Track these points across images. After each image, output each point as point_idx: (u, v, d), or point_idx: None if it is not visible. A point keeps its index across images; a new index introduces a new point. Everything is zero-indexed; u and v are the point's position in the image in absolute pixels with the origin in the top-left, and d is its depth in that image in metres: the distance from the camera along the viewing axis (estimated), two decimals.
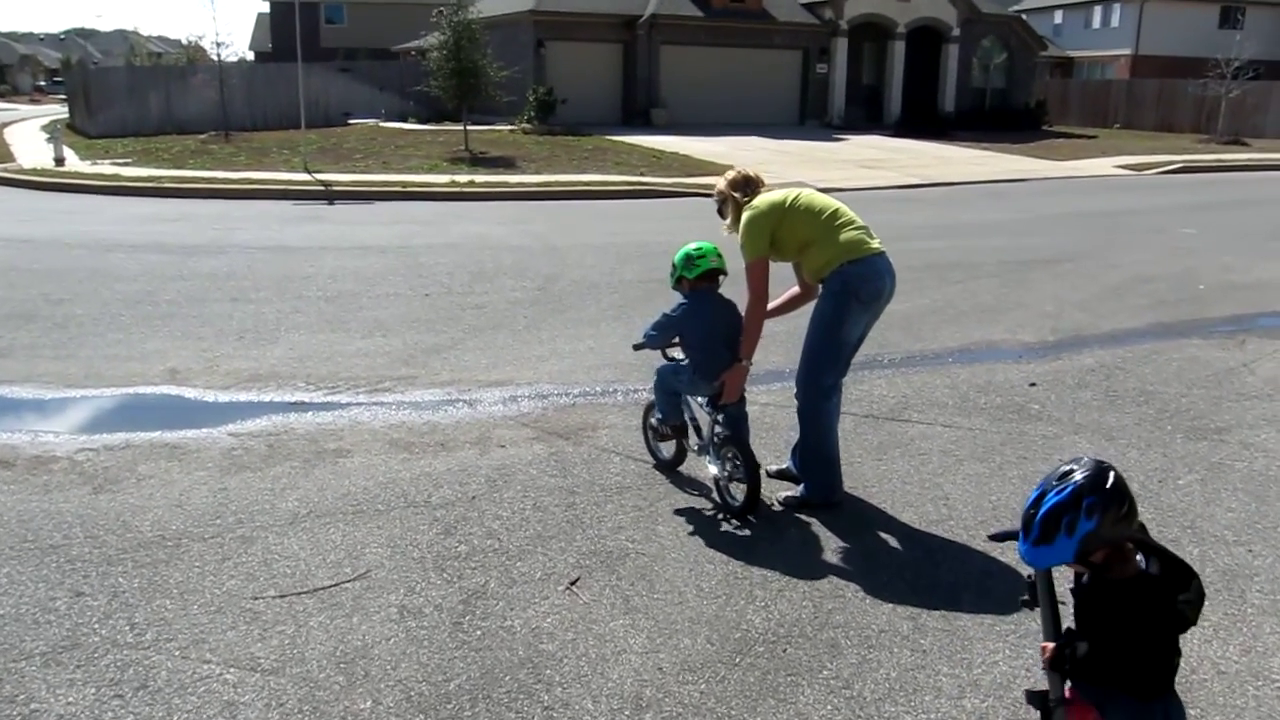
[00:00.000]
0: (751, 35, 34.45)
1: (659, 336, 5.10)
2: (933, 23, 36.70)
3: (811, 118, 35.92)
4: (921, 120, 35.40)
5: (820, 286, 4.90)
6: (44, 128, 37.94)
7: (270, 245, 12.10)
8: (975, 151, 28.01)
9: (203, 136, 28.11)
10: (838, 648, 3.74)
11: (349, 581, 4.15)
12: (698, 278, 5.01)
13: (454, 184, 18.20)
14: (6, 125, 41.35)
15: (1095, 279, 10.82)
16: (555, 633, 3.80)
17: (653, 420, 5.37)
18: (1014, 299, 9.79)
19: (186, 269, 10.57)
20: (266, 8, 61.77)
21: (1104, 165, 25.62)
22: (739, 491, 4.82)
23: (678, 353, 5.14)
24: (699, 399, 5.08)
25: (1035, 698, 2.48)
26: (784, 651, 3.71)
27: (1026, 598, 2.59)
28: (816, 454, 4.96)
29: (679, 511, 4.89)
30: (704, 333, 4.94)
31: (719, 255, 5.03)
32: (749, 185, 5.02)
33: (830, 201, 4.98)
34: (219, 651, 3.63)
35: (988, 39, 38.42)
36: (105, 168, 21.44)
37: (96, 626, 3.79)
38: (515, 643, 3.73)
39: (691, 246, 5.08)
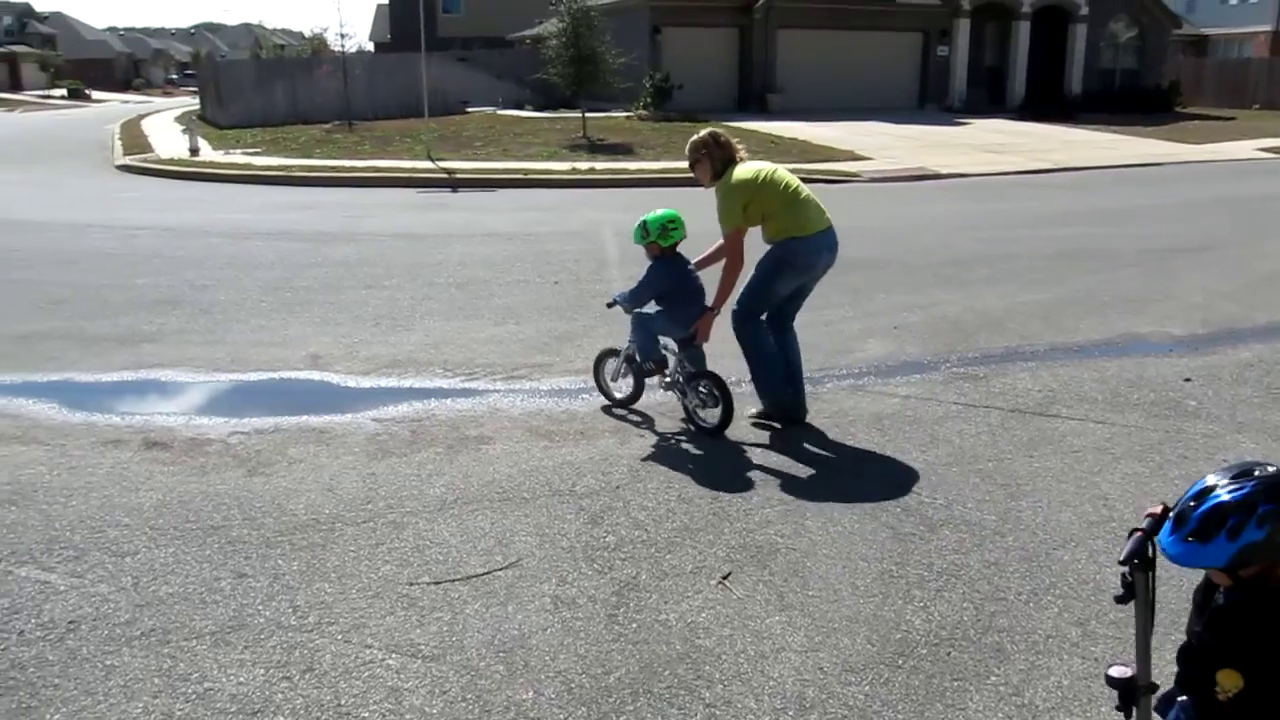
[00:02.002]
0: (870, 17, 33.77)
1: (637, 298, 5.95)
2: (1059, 2, 35.49)
3: (931, 101, 35.09)
4: (1046, 103, 34.26)
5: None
6: (177, 119, 39.40)
7: (399, 232, 12.31)
8: (1105, 135, 27.01)
9: (327, 126, 28.79)
10: (1003, 653, 3.60)
11: (501, 569, 4.16)
12: (670, 245, 5.94)
13: (574, 171, 18.28)
14: (143, 117, 43.04)
15: (1244, 268, 10.30)
16: (711, 628, 3.74)
17: (634, 356, 6.03)
18: (1158, 289, 9.38)
19: (320, 256, 10.81)
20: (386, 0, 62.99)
21: (1245, 148, 24.44)
22: (711, 416, 5.76)
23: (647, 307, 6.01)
24: (670, 344, 5.97)
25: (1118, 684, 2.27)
26: (947, 655, 3.59)
27: (1121, 594, 2.31)
28: (761, 375, 5.91)
29: (826, 506, 4.79)
30: (676, 289, 5.90)
31: (681, 223, 5.99)
32: (721, 148, 5.84)
33: (793, 180, 5.78)
34: (380, 636, 3.67)
35: (1117, 17, 36.99)
36: (237, 157, 22.13)
37: (260, 608, 3.86)
38: (672, 637, 3.68)
39: (664, 215, 5.96)
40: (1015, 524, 4.62)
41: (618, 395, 6.27)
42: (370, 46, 66.33)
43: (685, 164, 6.18)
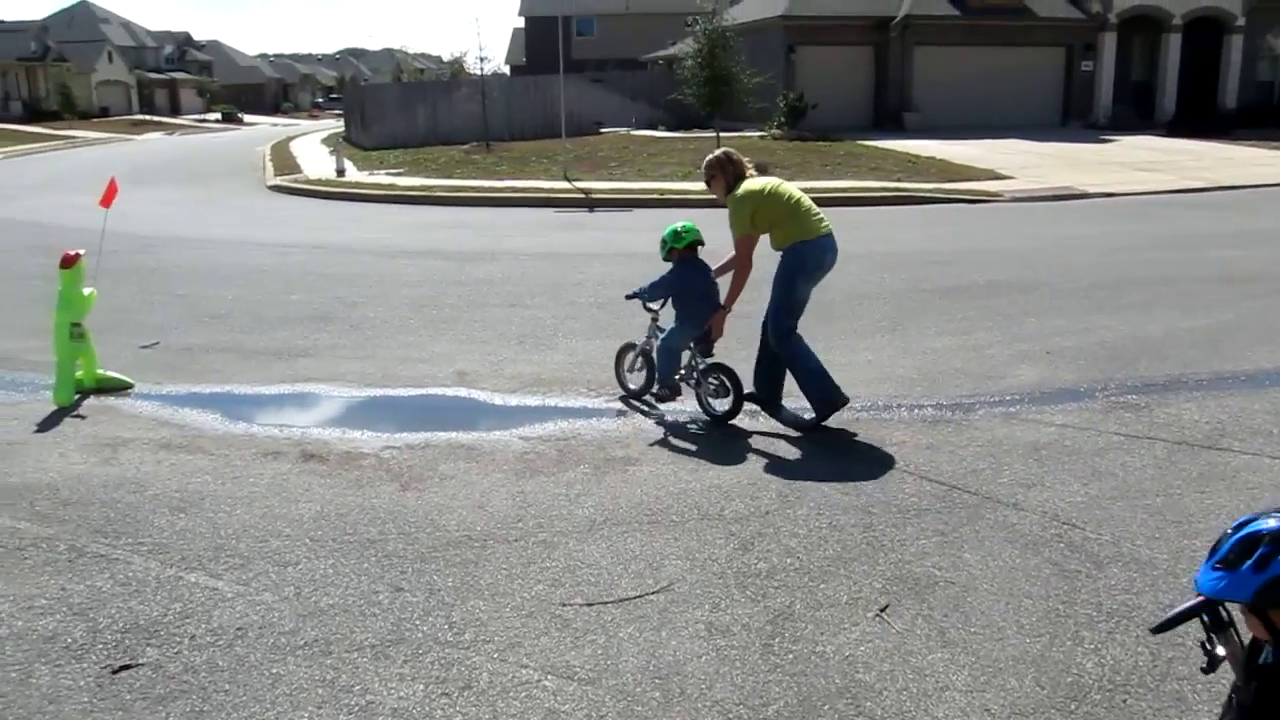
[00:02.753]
0: (1010, 33, 32.98)
1: (654, 294, 6.64)
2: (1213, 12, 34.01)
3: (1074, 118, 34.00)
4: (1198, 118, 32.83)
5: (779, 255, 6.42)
6: (323, 141, 40.94)
7: (539, 252, 12.48)
8: (1265, 151, 25.71)
9: (465, 147, 29.47)
10: (1185, 702, 3.40)
11: (653, 594, 4.13)
12: (685, 248, 6.59)
13: (705, 191, 18.23)
14: (291, 139, 44.83)
15: None
16: (871, 662, 3.63)
17: (649, 350, 6.68)
18: None
19: (464, 275, 11.03)
20: (522, 23, 64.30)
21: None
22: (721, 405, 6.35)
23: (654, 305, 6.71)
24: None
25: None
26: (1123, 702, 3.41)
27: (1206, 665, 2.13)
28: (803, 374, 6.32)
29: (984, 538, 4.62)
30: (690, 289, 6.51)
31: (698, 231, 6.66)
32: (733, 164, 6.54)
33: (795, 192, 6.49)
34: (535, 657, 3.67)
35: (1277, 29, 35.25)
36: (381, 177, 22.82)
37: (418, 623, 3.91)
38: (830, 670, 3.59)
39: (679, 225, 6.71)
40: (1190, 564, 4.37)
41: (631, 386, 6.87)
42: (506, 69, 67.85)
43: (824, 184, 6.20)
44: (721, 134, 25.45)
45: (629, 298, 6.78)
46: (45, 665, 3.65)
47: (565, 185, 19.47)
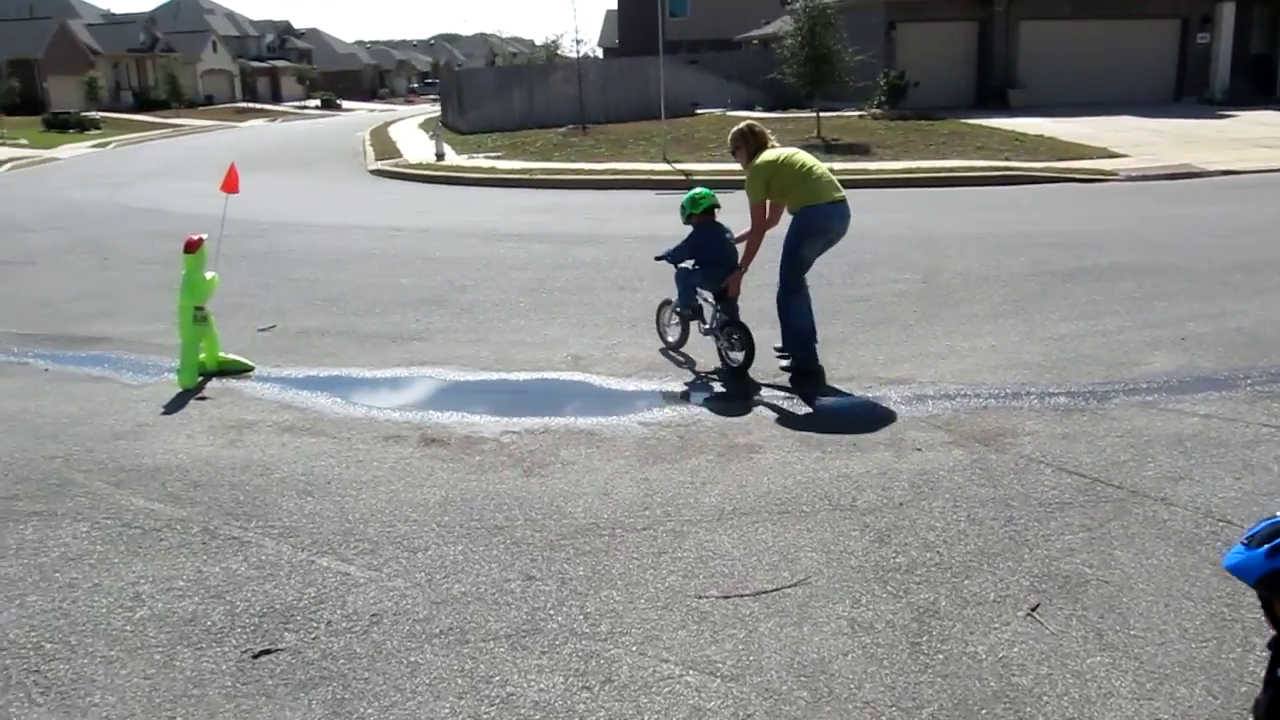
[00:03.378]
0: (1121, 5, 31.78)
1: (679, 254, 7.25)
2: None
3: (1189, 94, 32.67)
4: None
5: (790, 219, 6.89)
6: (421, 125, 41.48)
7: (643, 235, 12.36)
8: None
9: (562, 130, 29.53)
10: None
11: (790, 587, 4.00)
12: (702, 212, 7.19)
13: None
14: (389, 124, 45.50)
15: None
16: (1026, 665, 3.45)
17: (677, 307, 7.37)
18: None
19: (570, 258, 10.99)
20: (614, 5, 64.22)
21: None
22: (737, 357, 6.87)
23: (686, 265, 7.26)
24: (708, 296, 7.18)
25: None
26: None
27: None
28: (794, 333, 6.89)
29: (1134, 534, 4.39)
30: (707, 250, 7.12)
31: (713, 197, 7.27)
32: (754, 136, 7.04)
33: (808, 161, 6.87)
34: (674, 650, 3.57)
35: None
36: (480, 161, 22.98)
37: (552, 613, 3.85)
38: (983, 671, 3.42)
39: (696, 192, 7.32)
40: None
41: (670, 339, 7.60)
42: (599, 52, 67.89)
43: (930, 164, 6.06)
44: (821, 114, 25.04)
45: (657, 259, 7.45)
46: (187, 648, 3.67)
47: (665, 167, 19.34)
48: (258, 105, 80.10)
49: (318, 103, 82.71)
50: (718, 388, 6.63)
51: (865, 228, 12.44)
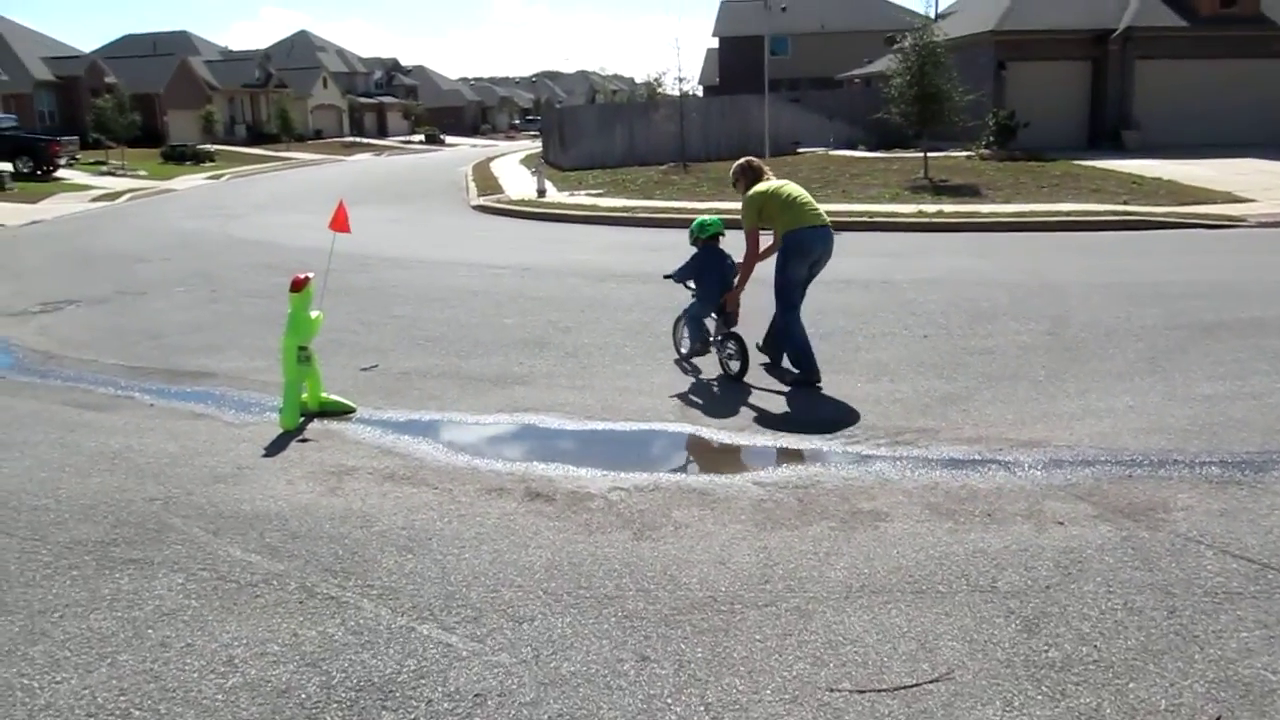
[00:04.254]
0: (1245, 44, 30.60)
1: (682, 275, 8.07)
2: None
3: None
4: None
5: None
6: (521, 161, 41.89)
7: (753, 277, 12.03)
8: None
9: (663, 167, 29.46)
10: None
11: (931, 682, 3.61)
12: (707, 238, 7.98)
13: (921, 214, 17.47)
14: (491, 160, 46.08)
15: None
16: None
17: (686, 340, 8.10)
18: None
19: (677, 300, 10.63)
20: (715, 44, 64.38)
21: None
22: (734, 366, 7.64)
23: (691, 285, 8.03)
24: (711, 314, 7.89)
25: None
26: None
27: None
28: (797, 348, 7.57)
29: None
30: (708, 271, 7.90)
31: (721, 223, 8.09)
32: (752, 170, 8.03)
33: (797, 190, 7.77)
34: None
35: None
36: (582, 198, 22.94)
37: (669, 701, 3.52)
38: None
39: (705, 219, 8.17)
40: None
41: (683, 350, 8.24)
42: (699, 90, 68.04)
43: (1044, 207, 5.70)
44: (929, 154, 24.47)
45: (665, 277, 8.25)
46: None
47: None
48: (365, 140, 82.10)
49: (422, 138, 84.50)
50: (835, 446, 6.25)
51: (982, 273, 11.98)
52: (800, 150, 32.95)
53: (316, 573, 4.58)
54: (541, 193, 24.55)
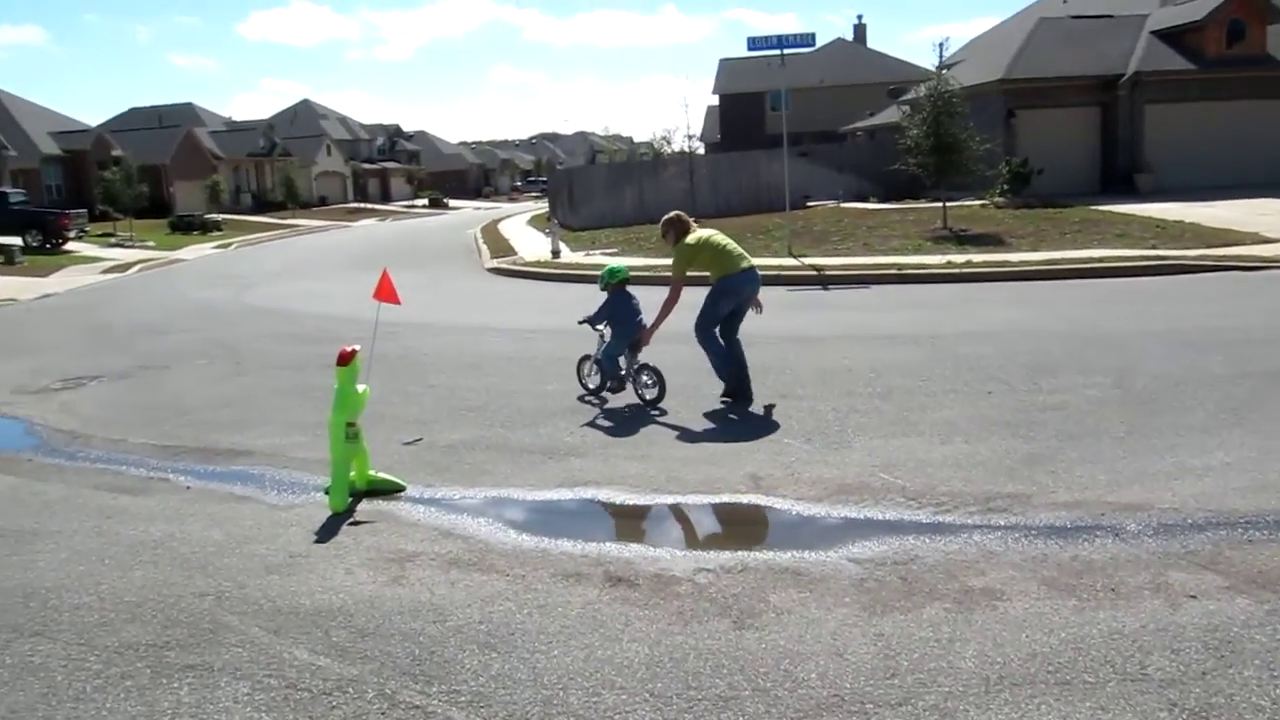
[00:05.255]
0: (1253, 85, 30.54)
1: (598, 318, 8.91)
2: None
3: None
4: None
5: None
6: (529, 222, 41.85)
7: (789, 335, 11.73)
8: None
9: None
10: None
11: None
12: (618, 283, 8.89)
13: (951, 264, 17.18)
14: (498, 221, 46.07)
15: None
16: None
17: (598, 359, 9.06)
18: None
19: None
20: (715, 101, 64.75)
21: None
22: (649, 394, 8.63)
23: (600, 327, 8.96)
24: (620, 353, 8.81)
25: None
26: None
27: None
28: (716, 365, 8.65)
29: None
30: (621, 313, 8.78)
31: (626, 271, 9.06)
32: (680, 222, 8.82)
33: (722, 240, 8.70)
34: None
35: None
36: (598, 257, 22.68)
37: None
38: None
39: (614, 266, 9.13)
40: None
41: (590, 386, 9.21)
42: (700, 147, 68.23)
43: (1072, 254, 5.40)
44: (945, 203, 24.26)
45: (580, 322, 9.10)
46: None
47: (792, 262, 18.75)
48: (368, 205, 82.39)
49: (425, 201, 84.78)
50: (924, 516, 5.86)
51: (1028, 324, 11.65)
52: (810, 204, 32.79)
53: (395, 677, 4.19)
54: (556, 253, 24.33)
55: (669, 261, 8.84)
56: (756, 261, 9.10)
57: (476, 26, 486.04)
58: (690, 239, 8.66)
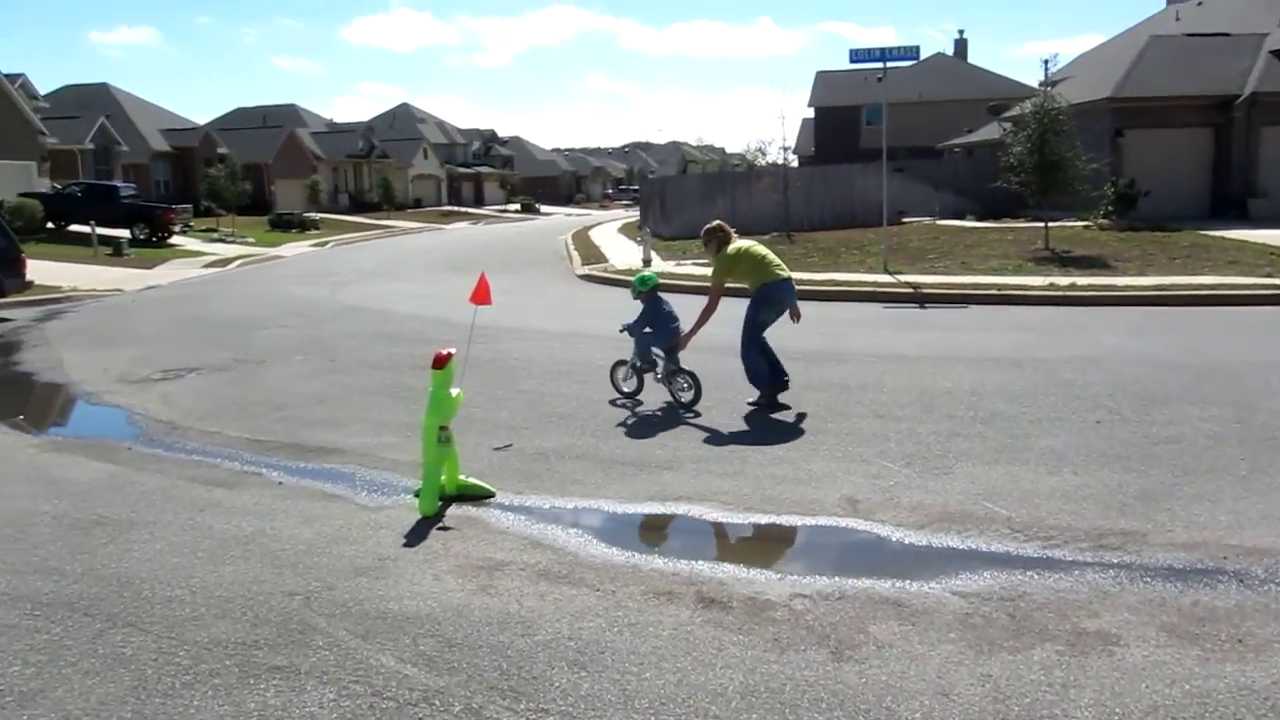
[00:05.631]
0: None
1: (639, 325, 9.16)
2: None
3: None
4: None
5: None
6: (620, 230, 41.93)
7: (887, 354, 11.45)
8: None
9: (766, 237, 28.94)
10: None
11: None
12: (650, 290, 9.24)
13: (1052, 287, 16.67)
14: (589, 228, 46.28)
15: None
16: None
17: (636, 364, 9.25)
18: None
19: (815, 377, 10.16)
20: (810, 114, 64.24)
21: None
22: (685, 396, 8.93)
23: (643, 330, 9.12)
24: (660, 353, 9.04)
25: None
26: None
27: None
28: (758, 376, 8.88)
29: None
30: (661, 318, 9.07)
31: (656, 278, 9.50)
32: (721, 232, 9.25)
33: (762, 251, 9.18)
34: None
35: None
36: (689, 267, 22.57)
37: None
38: None
39: (645, 274, 9.60)
40: None
41: (625, 389, 9.48)
42: (794, 159, 67.77)
43: (1183, 280, 5.17)
44: (1047, 223, 23.63)
45: (620, 331, 9.43)
46: None
47: (888, 279, 18.38)
48: (462, 208, 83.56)
49: (518, 206, 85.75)
50: (1031, 550, 5.59)
51: (1137, 352, 11.18)
52: (905, 220, 32.27)
53: (482, 691, 4.09)
54: (647, 261, 24.27)
55: None
56: (850, 277, 9.06)
57: (573, 35, 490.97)
58: (731, 249, 9.07)
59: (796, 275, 19.90)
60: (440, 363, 6.54)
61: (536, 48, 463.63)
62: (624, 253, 28.66)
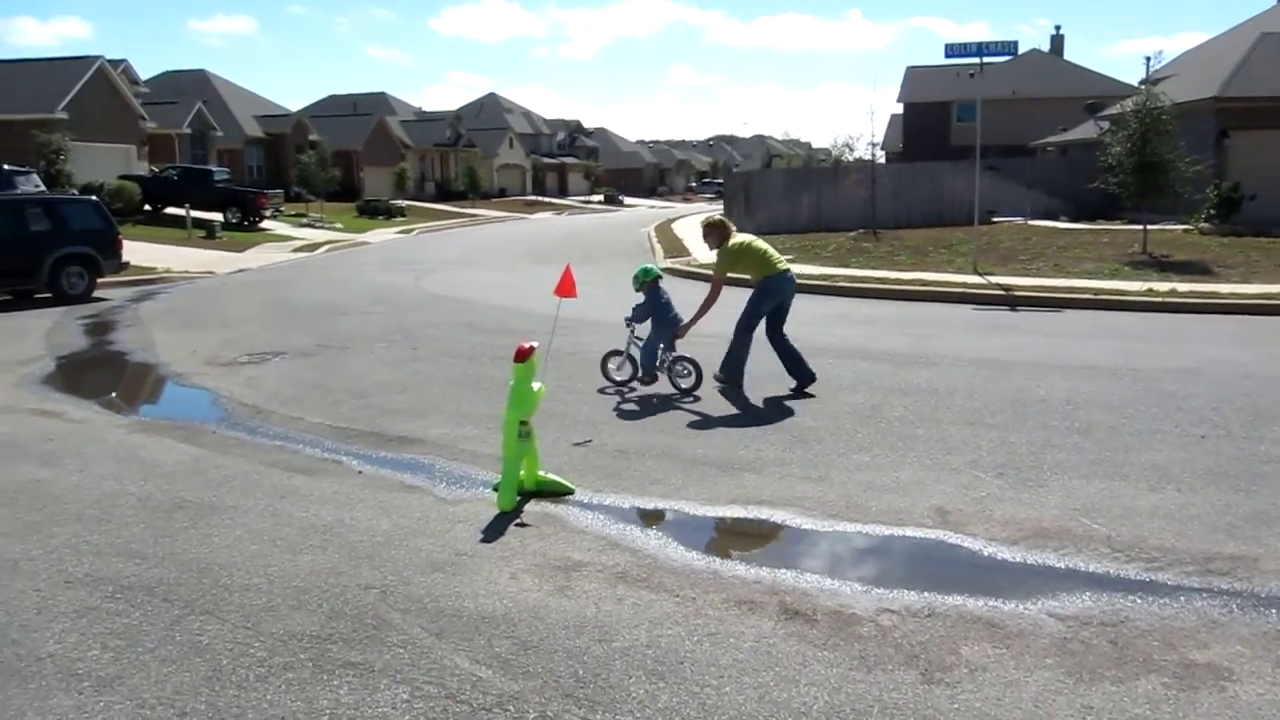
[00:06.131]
0: None
1: (640, 316, 9.59)
2: None
3: None
4: None
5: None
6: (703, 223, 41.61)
7: (977, 358, 11.10)
8: None
9: (852, 234, 28.61)
10: None
11: None
12: (651, 282, 9.65)
13: (1151, 293, 16.07)
14: (671, 221, 46.12)
15: None
16: None
17: (638, 372, 9.65)
18: None
19: (901, 381, 9.88)
20: (899, 110, 63.19)
21: None
22: (685, 382, 9.35)
23: (637, 324, 9.64)
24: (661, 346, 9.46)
25: None
26: None
27: None
28: (734, 360, 9.41)
29: None
30: (661, 309, 9.51)
31: (657, 269, 9.93)
32: (723, 227, 9.75)
33: (763, 245, 9.58)
34: None
35: None
36: None
37: None
38: None
39: (646, 265, 9.97)
40: None
41: (617, 378, 9.78)
42: (882, 156, 66.70)
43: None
44: (1137, 226, 22.84)
45: (626, 321, 9.73)
46: None
47: (977, 280, 17.90)
48: (545, 199, 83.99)
49: (601, 198, 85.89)
50: (1133, 573, 5.31)
51: (1243, 363, 10.67)
52: (996, 219, 31.49)
53: (557, 699, 3.97)
54: None
55: (848, 272, 8.88)
56: (938, 277, 8.75)
57: (660, 27, 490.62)
58: (732, 243, 9.48)
59: (881, 274, 19.70)
60: (522, 356, 6.46)
61: (622, 39, 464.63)
62: (707, 247, 28.43)
